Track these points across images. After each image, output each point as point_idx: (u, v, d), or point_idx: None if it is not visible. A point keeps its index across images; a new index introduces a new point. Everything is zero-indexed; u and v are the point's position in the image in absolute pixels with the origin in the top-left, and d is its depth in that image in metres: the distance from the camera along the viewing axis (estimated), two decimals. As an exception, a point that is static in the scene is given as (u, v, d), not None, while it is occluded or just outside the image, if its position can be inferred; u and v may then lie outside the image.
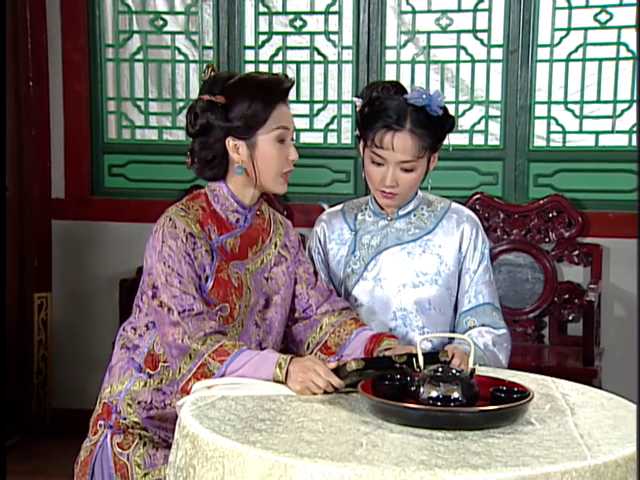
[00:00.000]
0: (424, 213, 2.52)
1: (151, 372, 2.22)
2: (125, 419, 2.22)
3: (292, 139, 2.25)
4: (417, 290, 2.47)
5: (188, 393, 2.07)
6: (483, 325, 2.46)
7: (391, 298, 2.48)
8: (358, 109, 2.44)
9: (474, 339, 2.41)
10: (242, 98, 2.17)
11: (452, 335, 2.43)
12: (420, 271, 2.48)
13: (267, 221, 2.35)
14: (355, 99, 2.47)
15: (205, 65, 2.31)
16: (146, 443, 2.19)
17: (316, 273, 2.42)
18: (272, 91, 2.19)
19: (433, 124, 2.37)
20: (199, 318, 2.11)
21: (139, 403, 2.22)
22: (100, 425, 2.24)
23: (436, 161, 2.47)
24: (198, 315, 2.11)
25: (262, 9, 4.35)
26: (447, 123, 2.43)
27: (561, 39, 4.11)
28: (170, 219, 2.18)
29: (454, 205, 2.55)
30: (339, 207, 2.61)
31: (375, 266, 2.50)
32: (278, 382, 2.05)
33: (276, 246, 2.34)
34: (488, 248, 2.53)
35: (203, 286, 2.17)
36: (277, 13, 4.35)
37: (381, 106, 2.38)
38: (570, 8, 4.10)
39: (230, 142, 2.20)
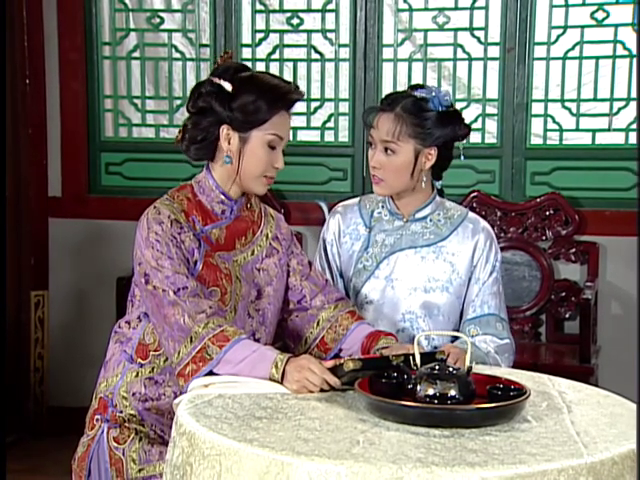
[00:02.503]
0: (440, 219, 2.52)
1: (142, 362, 2.23)
2: (121, 412, 2.22)
3: (283, 149, 2.26)
4: (427, 295, 2.48)
5: (185, 378, 2.07)
6: (486, 334, 2.47)
7: (401, 300, 2.49)
8: None
9: (476, 343, 2.42)
10: (249, 92, 2.19)
11: (451, 333, 2.43)
12: (432, 277, 2.49)
13: (257, 214, 2.35)
14: None
15: (224, 51, 2.31)
16: (142, 438, 2.19)
17: (310, 263, 2.42)
18: (280, 96, 2.20)
19: (426, 116, 2.40)
20: (195, 295, 2.12)
21: (134, 395, 2.22)
22: (97, 420, 2.24)
23: (432, 160, 2.45)
24: (193, 291, 2.12)
25: (259, 7, 4.35)
26: (450, 124, 2.43)
27: (558, 37, 4.12)
28: (155, 207, 2.21)
29: (471, 215, 2.56)
30: (355, 200, 2.63)
31: (387, 266, 2.50)
32: (274, 382, 2.05)
33: (267, 238, 2.34)
34: (500, 261, 2.54)
35: (192, 269, 2.17)
36: (274, 11, 4.35)
37: (389, 96, 2.49)
38: (567, 6, 4.10)
39: (224, 130, 2.21)
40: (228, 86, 2.20)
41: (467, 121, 2.51)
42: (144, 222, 2.19)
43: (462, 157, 2.50)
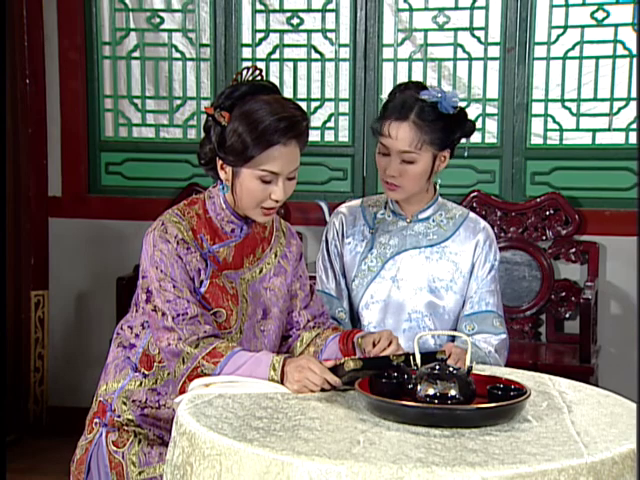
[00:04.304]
0: (443, 220, 2.53)
1: (146, 372, 2.22)
2: (119, 417, 2.21)
3: (292, 177, 2.16)
4: (433, 295, 2.50)
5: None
6: (482, 332, 2.48)
7: (407, 300, 2.50)
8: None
9: (477, 342, 2.43)
10: (238, 129, 2.09)
11: (451, 333, 2.44)
12: (436, 277, 2.50)
13: (269, 230, 2.30)
14: (383, 97, 2.52)
15: (253, 66, 2.17)
16: (141, 440, 2.19)
17: (312, 292, 2.39)
18: (269, 134, 2.07)
19: (440, 121, 2.39)
20: (194, 322, 2.09)
21: (133, 402, 2.21)
22: (95, 423, 2.24)
23: (446, 162, 2.47)
24: (193, 319, 2.09)
25: (259, 7, 4.35)
26: (460, 125, 2.44)
27: (558, 37, 4.12)
28: (162, 223, 2.15)
29: (471, 215, 2.58)
30: (358, 202, 2.63)
31: (393, 266, 2.51)
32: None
33: (276, 256, 2.30)
34: (499, 261, 2.56)
35: (197, 289, 2.15)
36: (274, 11, 4.35)
37: (395, 100, 2.43)
38: (567, 6, 4.10)
39: (219, 160, 2.16)
40: (222, 119, 2.11)
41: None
42: (150, 238, 2.14)
43: (466, 153, 2.51)
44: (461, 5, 4.19)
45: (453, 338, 2.48)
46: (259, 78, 2.17)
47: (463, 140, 2.50)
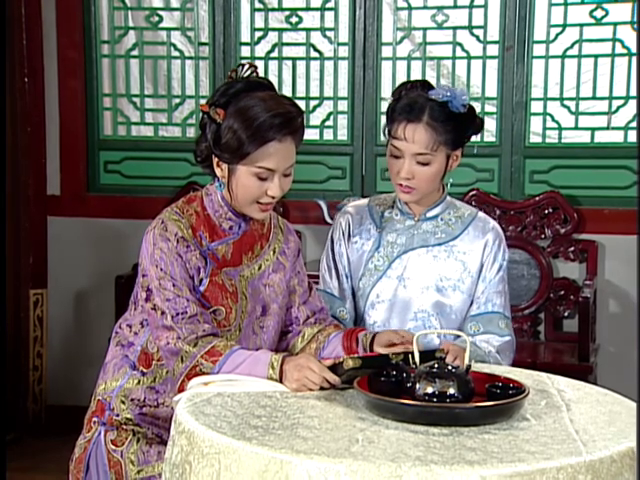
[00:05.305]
0: (451, 218, 2.52)
1: (144, 370, 2.22)
2: (118, 415, 2.21)
3: (288, 174, 2.16)
4: (440, 294, 2.48)
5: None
6: (487, 332, 2.47)
7: (413, 299, 2.49)
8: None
9: (477, 342, 2.42)
10: (233, 122, 2.08)
11: (452, 332, 2.43)
12: (444, 276, 2.49)
13: (267, 226, 2.30)
14: (385, 96, 2.50)
15: (248, 63, 2.18)
16: (140, 439, 2.19)
17: (311, 288, 2.38)
18: (264, 131, 2.07)
19: (453, 120, 2.37)
20: (193, 321, 2.09)
21: (132, 400, 2.21)
22: (94, 422, 2.23)
23: (459, 160, 2.46)
24: (192, 318, 2.09)
25: (258, 5, 4.35)
26: (471, 123, 2.43)
27: (557, 35, 4.12)
28: (162, 222, 2.15)
29: (480, 214, 2.56)
30: (365, 201, 2.61)
31: (400, 265, 2.50)
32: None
33: (275, 252, 2.30)
34: (507, 261, 2.54)
35: (197, 288, 2.15)
36: (273, 9, 4.34)
37: (403, 100, 2.40)
38: (566, 4, 4.10)
39: (215, 157, 2.16)
40: (217, 116, 2.10)
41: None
42: (150, 236, 2.14)
43: (475, 151, 2.49)
44: (460, 4, 4.19)
45: (456, 337, 2.47)
46: (254, 75, 2.17)
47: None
